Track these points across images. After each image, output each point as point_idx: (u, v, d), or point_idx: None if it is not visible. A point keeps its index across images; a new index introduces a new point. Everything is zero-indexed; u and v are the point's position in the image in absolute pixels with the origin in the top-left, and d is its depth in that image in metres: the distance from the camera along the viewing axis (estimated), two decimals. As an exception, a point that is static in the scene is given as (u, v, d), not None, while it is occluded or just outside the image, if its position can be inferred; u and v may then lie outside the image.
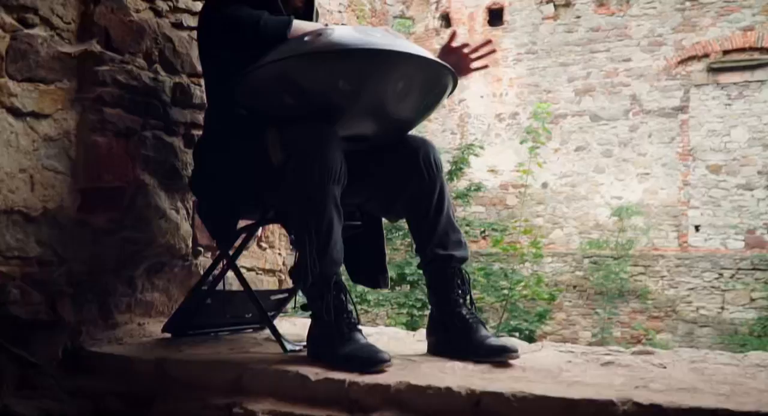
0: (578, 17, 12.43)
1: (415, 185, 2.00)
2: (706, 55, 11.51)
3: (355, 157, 1.97)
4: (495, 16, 13.08)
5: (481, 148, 10.67)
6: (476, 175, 12.20)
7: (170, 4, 2.26)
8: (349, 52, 1.75)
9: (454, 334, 1.90)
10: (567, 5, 12.53)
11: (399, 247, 9.37)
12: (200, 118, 2.30)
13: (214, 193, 2.04)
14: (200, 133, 2.27)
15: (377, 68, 1.77)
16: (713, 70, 11.44)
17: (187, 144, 2.32)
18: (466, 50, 2.20)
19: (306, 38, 1.81)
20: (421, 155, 2.01)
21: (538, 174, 11.41)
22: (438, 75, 1.89)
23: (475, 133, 12.85)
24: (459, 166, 10.26)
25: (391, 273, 8.63)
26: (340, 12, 11.96)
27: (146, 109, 2.17)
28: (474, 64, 2.22)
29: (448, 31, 13.12)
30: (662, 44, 11.83)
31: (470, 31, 13.09)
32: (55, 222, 1.98)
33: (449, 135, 13.14)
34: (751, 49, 11.29)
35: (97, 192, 2.05)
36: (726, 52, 11.42)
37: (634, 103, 11.97)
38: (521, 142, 9.87)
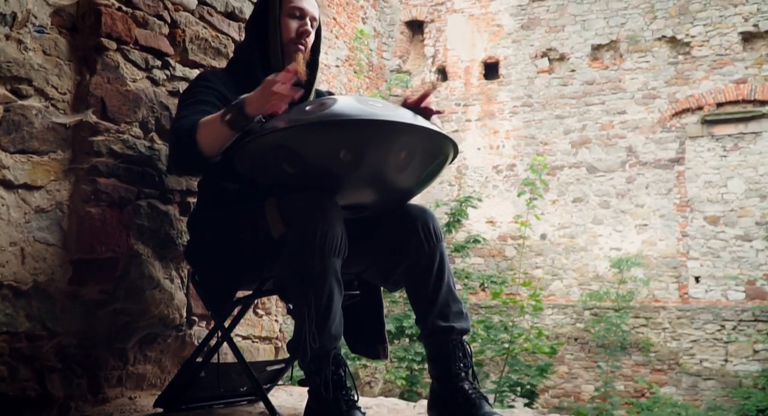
0: (573, 71, 12.55)
1: (415, 255, 1.97)
2: (700, 108, 11.60)
3: (354, 226, 1.94)
4: (490, 70, 13.21)
5: (479, 200, 10.66)
6: (474, 226, 12.18)
7: (167, 72, 2.25)
8: (352, 123, 1.74)
9: (455, 410, 1.85)
10: (561, 59, 12.67)
11: (398, 300, 9.29)
12: (196, 184, 2.27)
13: (210, 264, 2.00)
14: (195, 200, 2.24)
15: (379, 138, 1.76)
16: (708, 122, 11.51)
17: (183, 211, 2.29)
18: (423, 104, 2.09)
19: (307, 108, 1.80)
20: (421, 225, 1.98)
21: (537, 225, 11.41)
22: (439, 145, 1.87)
23: (472, 185, 12.87)
24: (457, 218, 10.23)
25: (390, 326, 8.59)
26: (337, 66, 12.09)
27: (141, 177, 2.14)
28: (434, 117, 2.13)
29: (444, 85, 13.30)
30: (656, 97, 11.92)
31: (466, 84, 13.22)
32: (46, 295, 1.93)
33: (447, 187, 13.15)
34: (745, 101, 11.38)
35: (90, 263, 2.01)
36: (720, 105, 11.51)
37: (630, 155, 12.01)
38: (519, 195, 9.88)
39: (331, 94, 2.18)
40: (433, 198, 11.83)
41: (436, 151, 1.88)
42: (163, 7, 2.22)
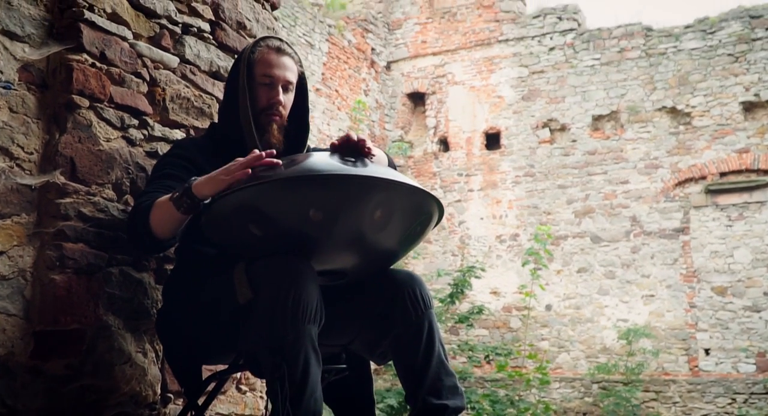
0: (574, 141, 12.55)
1: (401, 324, 1.82)
2: (704, 177, 11.55)
3: (336, 294, 1.79)
4: (492, 140, 13.22)
5: (483, 270, 10.50)
6: (478, 297, 11.98)
7: (144, 132, 2.14)
8: (316, 179, 1.61)
9: None
10: (562, 129, 12.69)
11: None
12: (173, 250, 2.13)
13: (181, 335, 1.85)
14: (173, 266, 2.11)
15: (349, 196, 1.63)
16: (711, 191, 11.43)
17: (159, 279, 2.14)
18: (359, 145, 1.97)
19: None
20: (407, 292, 1.83)
21: (542, 296, 11.20)
22: (419, 202, 1.74)
23: (476, 255, 12.71)
24: (461, 289, 10.06)
25: (392, 401, 8.30)
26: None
27: (113, 243, 2.00)
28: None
29: (447, 155, 13.29)
30: (658, 167, 11.89)
31: (468, 154, 13.21)
32: (5, 370, 1.77)
33: (450, 257, 13.00)
34: (748, 170, 11.34)
35: (54, 335, 1.85)
36: (723, 174, 11.47)
37: (634, 225, 11.90)
38: (523, 265, 9.73)
39: (317, 149, 2.06)
40: (435, 268, 11.67)
41: (417, 208, 1.75)
42: (142, 64, 2.13)
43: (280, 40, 2.06)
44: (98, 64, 1.98)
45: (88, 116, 1.95)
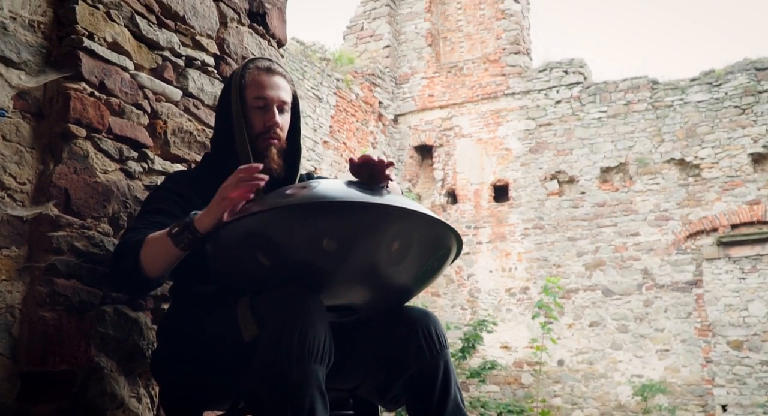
0: (583, 193, 12.47)
1: (415, 365, 1.69)
2: (715, 229, 11.42)
3: (344, 332, 1.67)
4: (500, 193, 13.16)
5: (494, 323, 10.32)
6: (489, 352, 11.76)
7: (144, 165, 2.05)
8: (335, 206, 1.50)
9: None
10: (571, 182, 12.62)
11: None
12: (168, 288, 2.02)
13: (178, 378, 1.72)
14: (170, 307, 1.99)
15: (368, 225, 1.51)
16: (723, 243, 11.29)
17: (156, 320, 2.03)
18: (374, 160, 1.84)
19: (287, 191, 1.57)
20: (421, 330, 1.71)
21: (553, 351, 10.97)
22: (439, 235, 1.62)
23: (486, 308, 12.52)
24: (471, 343, 9.86)
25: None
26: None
27: (108, 280, 1.89)
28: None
29: (455, 207, 13.21)
30: (669, 219, 11.77)
31: (476, 207, 13.13)
32: (-11, 414, 1.65)
33: (459, 310, 12.80)
34: (760, 222, 11.21)
35: (42, 377, 1.73)
36: (734, 226, 11.35)
37: (646, 277, 11.73)
38: (533, 317, 9.54)
39: (320, 178, 1.95)
40: (444, 321, 11.46)
41: (436, 242, 1.63)
42: (143, 95, 2.05)
43: (270, 60, 1.97)
44: (97, 94, 1.90)
45: (85, 147, 1.87)
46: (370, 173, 1.66)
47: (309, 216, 1.50)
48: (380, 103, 13.64)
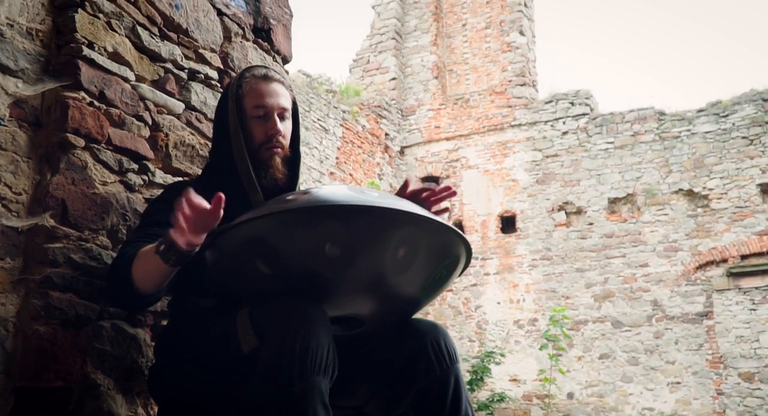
0: (590, 224, 12.40)
1: (424, 380, 1.61)
2: (725, 260, 11.33)
3: (349, 347, 1.60)
4: (507, 224, 13.09)
5: (502, 355, 10.19)
6: (498, 384, 11.60)
7: (144, 178, 2.00)
8: (338, 209, 1.44)
9: None
10: (578, 213, 12.56)
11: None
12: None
13: (176, 394, 1.65)
14: (169, 322, 1.92)
15: (372, 230, 1.45)
16: (733, 274, 11.18)
17: (156, 336, 1.96)
18: (425, 194, 1.88)
19: (289, 197, 1.52)
20: (430, 343, 1.64)
21: (563, 383, 10.81)
22: (447, 242, 1.56)
23: (494, 340, 12.38)
24: (480, 375, 9.72)
25: None
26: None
27: (106, 294, 1.83)
28: (435, 208, 1.89)
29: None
30: (678, 249, 11.68)
31: (483, 238, 13.06)
32: (-21, 432, 1.58)
33: (467, 342, 12.66)
34: (770, 253, 11.12)
35: (36, 393, 1.66)
36: (744, 257, 11.25)
37: (656, 309, 11.60)
38: (541, 348, 9.40)
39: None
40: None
41: (444, 250, 1.56)
42: (144, 107, 2.01)
43: (266, 67, 1.92)
44: (96, 103, 1.86)
45: (84, 157, 1.82)
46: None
47: (310, 221, 1.44)
48: (387, 134, 13.65)
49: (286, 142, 1.87)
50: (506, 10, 14.00)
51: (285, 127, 1.87)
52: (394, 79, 14.34)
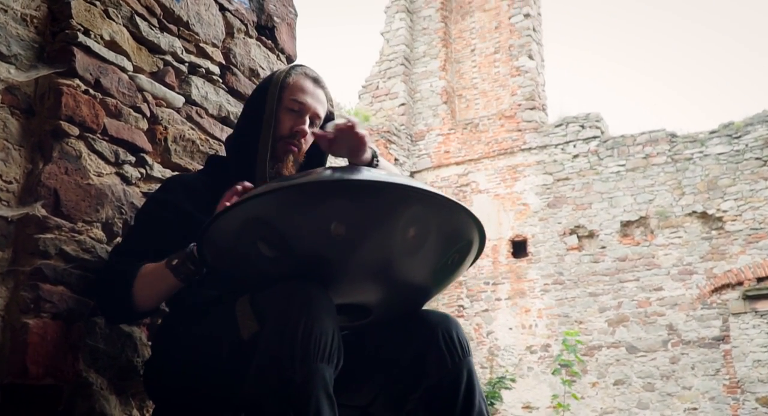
0: (603, 247, 12.26)
1: (435, 374, 1.52)
2: (740, 283, 11.16)
3: (356, 341, 1.51)
4: (518, 248, 12.96)
5: (513, 380, 10.01)
6: (510, 412, 11.40)
7: (142, 171, 1.92)
8: (344, 186, 1.36)
9: None
10: (590, 236, 12.42)
11: None
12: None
13: (170, 388, 1.56)
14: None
15: (381, 207, 1.36)
16: (749, 297, 11.00)
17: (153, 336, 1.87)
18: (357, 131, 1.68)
19: (291, 176, 1.44)
20: (441, 334, 1.54)
21: (577, 410, 10.62)
22: (459, 223, 1.47)
23: (505, 366, 12.19)
24: (491, 402, 9.55)
25: None
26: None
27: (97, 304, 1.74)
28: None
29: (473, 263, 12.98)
30: (693, 273, 11.52)
31: (494, 262, 12.93)
32: (-36, 432, 1.50)
33: (479, 369, 12.45)
34: (786, 275, 10.96)
35: (24, 390, 1.57)
36: (760, 280, 11.08)
37: (671, 334, 11.41)
38: (553, 373, 9.24)
39: None
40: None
41: (456, 232, 1.47)
42: (142, 99, 1.94)
43: (317, 73, 1.88)
44: (92, 92, 1.79)
45: (78, 146, 1.75)
46: (349, 147, 1.56)
47: (314, 199, 1.36)
48: (396, 159, 13.60)
49: (305, 146, 1.81)
50: (515, 34, 14.01)
51: (310, 132, 1.81)
52: (403, 104, 14.33)
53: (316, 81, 1.86)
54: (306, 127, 1.80)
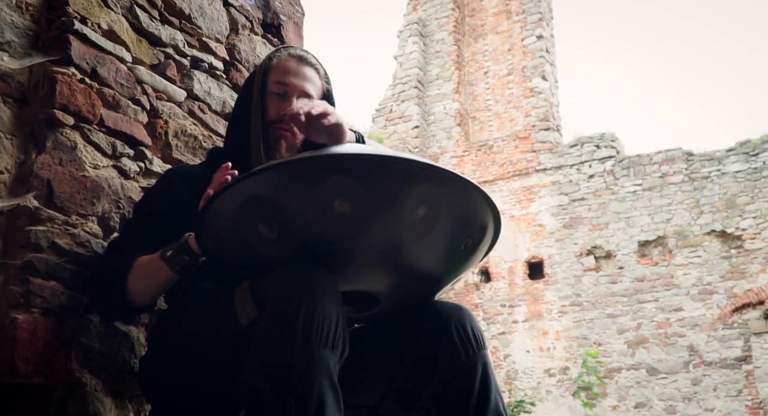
0: (621, 268, 12.09)
1: (448, 368, 1.41)
2: (761, 302, 10.96)
3: (362, 334, 1.42)
4: (535, 270, 12.81)
5: (532, 404, 9.81)
6: (529, 436, 11.18)
7: (141, 165, 1.85)
8: (348, 161, 1.27)
9: None
10: (608, 257, 12.27)
11: None
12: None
13: (166, 384, 1.47)
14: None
15: (387, 185, 1.27)
16: (771, 316, 10.82)
17: (152, 337, 1.78)
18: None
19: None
20: (454, 325, 1.44)
21: (598, 434, 10.39)
22: (472, 204, 1.37)
23: (523, 389, 11.98)
24: (509, 426, 9.37)
25: None
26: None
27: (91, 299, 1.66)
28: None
29: (488, 286, 12.85)
30: (713, 292, 11.33)
31: (511, 284, 12.78)
32: (-51, 433, 1.41)
33: (496, 392, 12.26)
34: (807, 292, 10.78)
35: (14, 389, 1.49)
36: (781, 298, 10.88)
37: (692, 355, 11.19)
38: (573, 395, 9.07)
39: None
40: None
41: (468, 213, 1.37)
42: (142, 91, 1.87)
43: (305, 51, 1.79)
44: (88, 81, 1.73)
45: (73, 137, 1.68)
46: (327, 131, 1.49)
47: (317, 175, 1.27)
48: (410, 181, 13.53)
49: (301, 127, 1.72)
50: (528, 56, 13.98)
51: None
52: (417, 127, 14.30)
53: (302, 59, 1.76)
54: (294, 107, 1.68)
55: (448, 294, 12.96)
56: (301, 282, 1.24)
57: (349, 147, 1.34)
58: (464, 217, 1.37)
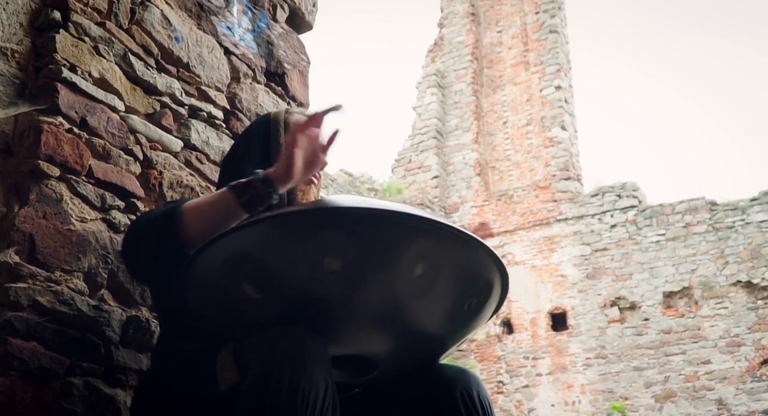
0: (646, 319, 11.84)
1: None
2: (790, 354, 10.68)
3: (360, 399, 1.31)
4: (558, 321, 12.56)
5: (557, 461, 9.51)
6: None
7: (132, 217, 1.76)
8: (337, 215, 1.18)
9: None
10: (632, 308, 12.02)
11: None
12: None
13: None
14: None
15: (382, 240, 1.17)
16: (801, 369, 10.52)
17: (140, 401, 1.67)
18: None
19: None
20: (459, 392, 1.33)
21: None
22: (475, 260, 1.27)
23: (549, 446, 11.65)
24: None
25: None
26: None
27: (79, 346, 1.57)
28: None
29: (511, 338, 12.60)
30: (741, 344, 11.05)
31: (534, 336, 12.52)
32: None
33: (520, 449, 11.93)
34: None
35: (-14, 462, 1.39)
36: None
37: (721, 408, 10.86)
38: (602, 452, 8.77)
39: None
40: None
41: (472, 270, 1.27)
42: (135, 141, 1.80)
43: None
44: (77, 131, 1.66)
45: (58, 189, 1.60)
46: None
47: (305, 230, 1.17)
48: (430, 231, 13.43)
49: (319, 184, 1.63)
50: (547, 106, 13.96)
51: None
52: (436, 176, 14.26)
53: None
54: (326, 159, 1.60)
55: (468, 344, 12.73)
56: (285, 347, 1.13)
57: (341, 199, 1.24)
58: (467, 274, 1.26)
